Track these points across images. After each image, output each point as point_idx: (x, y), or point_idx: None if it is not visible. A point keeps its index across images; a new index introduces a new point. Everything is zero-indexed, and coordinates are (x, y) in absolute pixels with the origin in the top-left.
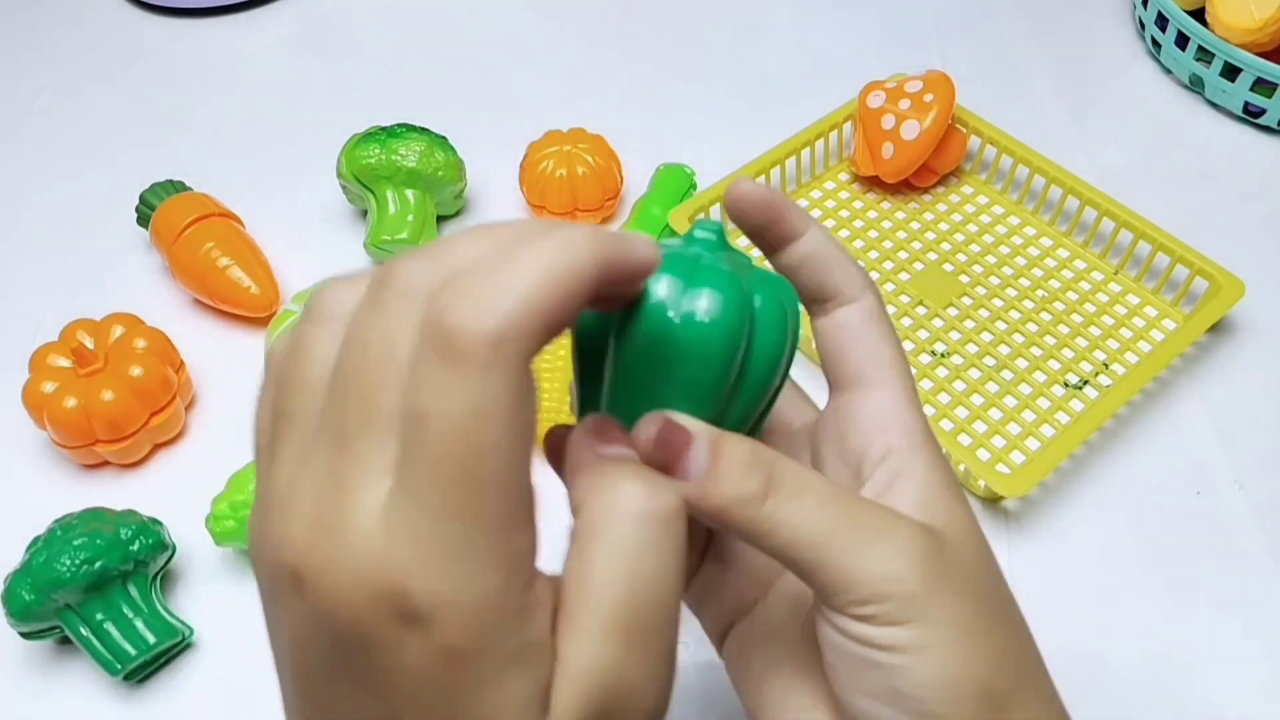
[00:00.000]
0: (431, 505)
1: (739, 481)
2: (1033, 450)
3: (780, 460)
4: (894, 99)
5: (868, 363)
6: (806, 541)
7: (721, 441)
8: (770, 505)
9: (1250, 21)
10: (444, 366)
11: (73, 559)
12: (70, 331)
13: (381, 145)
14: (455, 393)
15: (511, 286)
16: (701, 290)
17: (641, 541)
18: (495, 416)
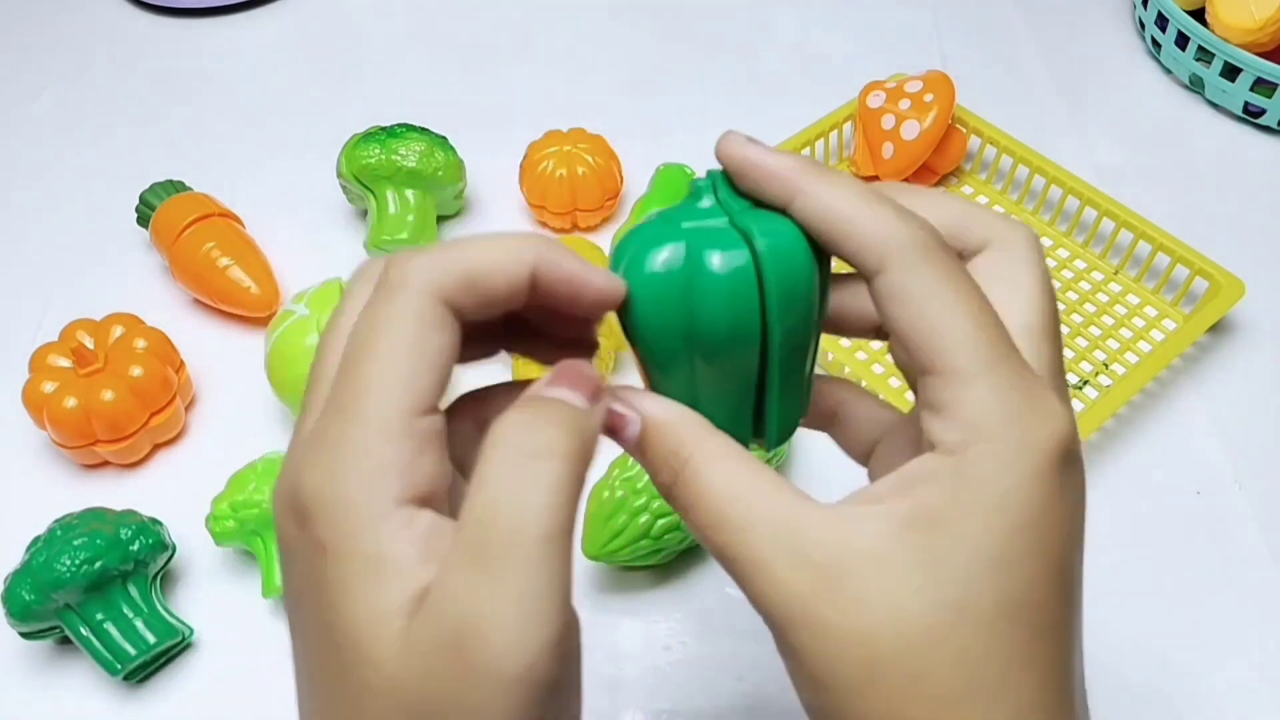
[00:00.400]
0: (324, 408)
1: (657, 466)
2: None
3: (693, 450)
4: (894, 99)
5: (911, 345)
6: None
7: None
8: (678, 490)
9: (1250, 21)
10: (374, 298)
11: (73, 559)
12: (70, 331)
13: (381, 145)
14: (363, 313)
15: (449, 246)
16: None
17: (503, 471)
18: (378, 328)
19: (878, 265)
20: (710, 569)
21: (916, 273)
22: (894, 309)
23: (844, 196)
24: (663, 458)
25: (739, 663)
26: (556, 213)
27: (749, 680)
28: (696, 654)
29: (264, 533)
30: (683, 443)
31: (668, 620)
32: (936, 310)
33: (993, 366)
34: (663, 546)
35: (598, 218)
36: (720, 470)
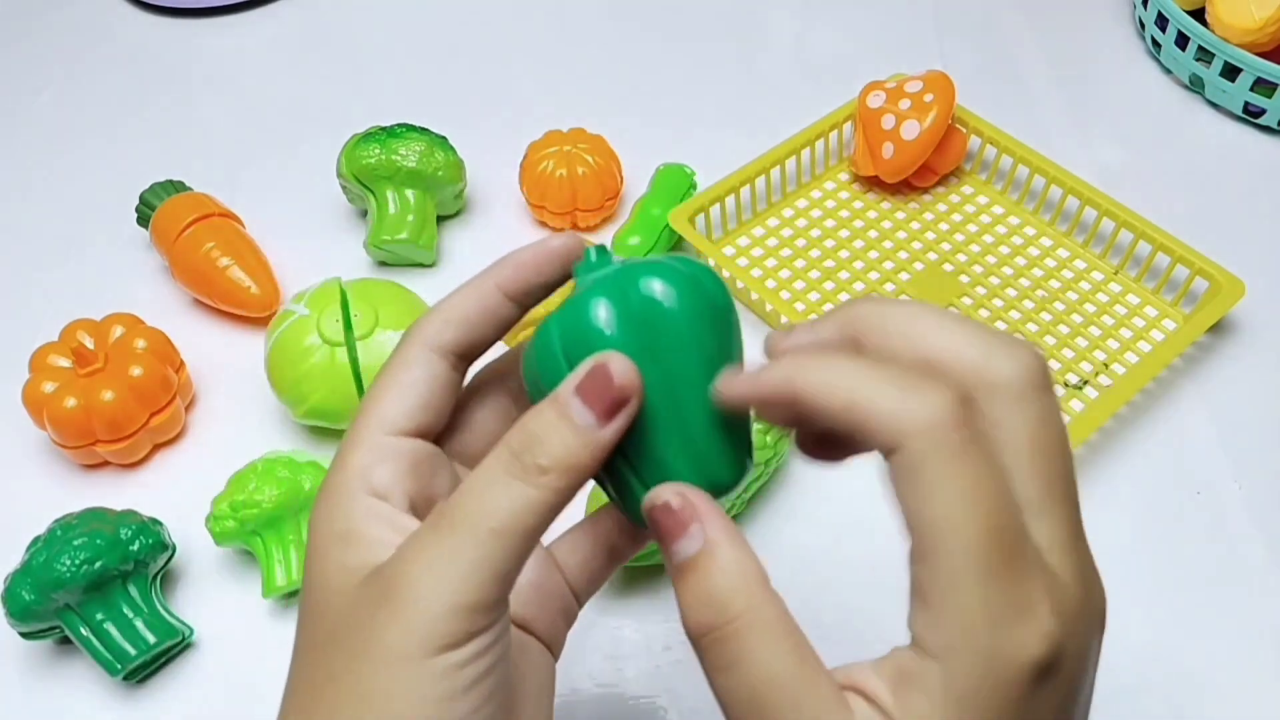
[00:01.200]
0: (427, 528)
1: (698, 600)
2: None
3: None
4: (894, 99)
5: (912, 533)
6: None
7: (700, 557)
8: (714, 638)
9: (1250, 21)
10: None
11: (73, 559)
12: (70, 331)
13: (381, 145)
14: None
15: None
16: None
17: (486, 478)
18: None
19: (891, 446)
20: None
21: (925, 460)
22: (901, 493)
23: (843, 382)
24: (710, 596)
25: None
26: (556, 213)
27: None
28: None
29: (264, 533)
30: (738, 593)
31: (668, 620)
32: (939, 507)
33: (984, 577)
34: None
35: (598, 218)
36: (771, 646)
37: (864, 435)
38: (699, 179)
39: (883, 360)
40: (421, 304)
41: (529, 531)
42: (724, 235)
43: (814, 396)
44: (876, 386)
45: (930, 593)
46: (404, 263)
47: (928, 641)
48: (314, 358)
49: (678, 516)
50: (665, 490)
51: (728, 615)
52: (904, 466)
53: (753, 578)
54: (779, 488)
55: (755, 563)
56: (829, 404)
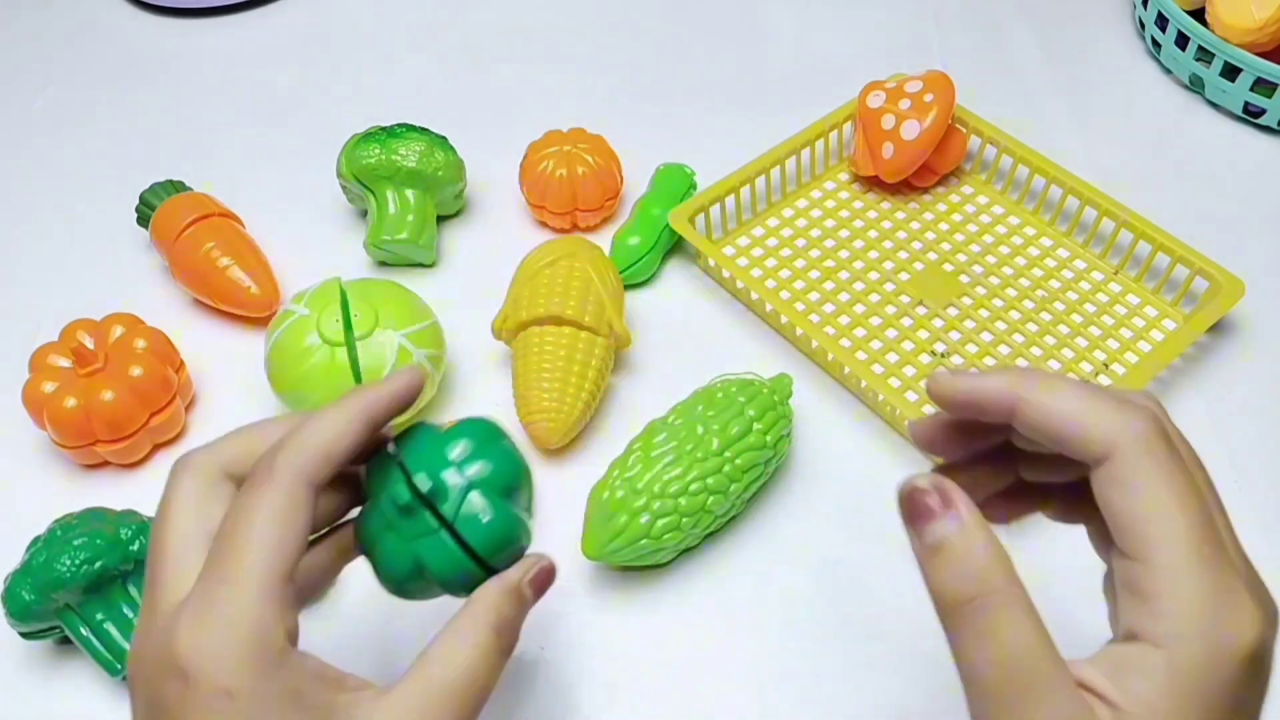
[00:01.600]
0: (201, 582)
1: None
2: None
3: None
4: (894, 99)
5: (1124, 533)
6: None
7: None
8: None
9: (1250, 21)
10: (246, 488)
11: (73, 559)
12: (70, 331)
13: (381, 145)
14: (237, 501)
15: (303, 435)
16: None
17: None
18: (254, 511)
19: (1103, 455)
20: (710, 569)
21: (1138, 466)
22: (1114, 497)
23: (1065, 396)
24: (970, 571)
25: (738, 662)
26: (556, 213)
27: (748, 680)
28: (696, 654)
29: None
30: (996, 570)
31: (667, 620)
32: (1153, 505)
33: (1200, 568)
34: (663, 546)
35: (598, 218)
36: (1025, 620)
37: (1080, 442)
38: (699, 179)
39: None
40: (421, 304)
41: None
42: (724, 235)
43: (1038, 403)
44: (1093, 402)
45: (1149, 587)
46: (404, 263)
47: (1149, 631)
48: (314, 358)
49: (932, 501)
50: (920, 478)
51: (987, 588)
52: (1117, 472)
53: (1005, 559)
54: (779, 488)
55: (997, 541)
56: (1050, 410)
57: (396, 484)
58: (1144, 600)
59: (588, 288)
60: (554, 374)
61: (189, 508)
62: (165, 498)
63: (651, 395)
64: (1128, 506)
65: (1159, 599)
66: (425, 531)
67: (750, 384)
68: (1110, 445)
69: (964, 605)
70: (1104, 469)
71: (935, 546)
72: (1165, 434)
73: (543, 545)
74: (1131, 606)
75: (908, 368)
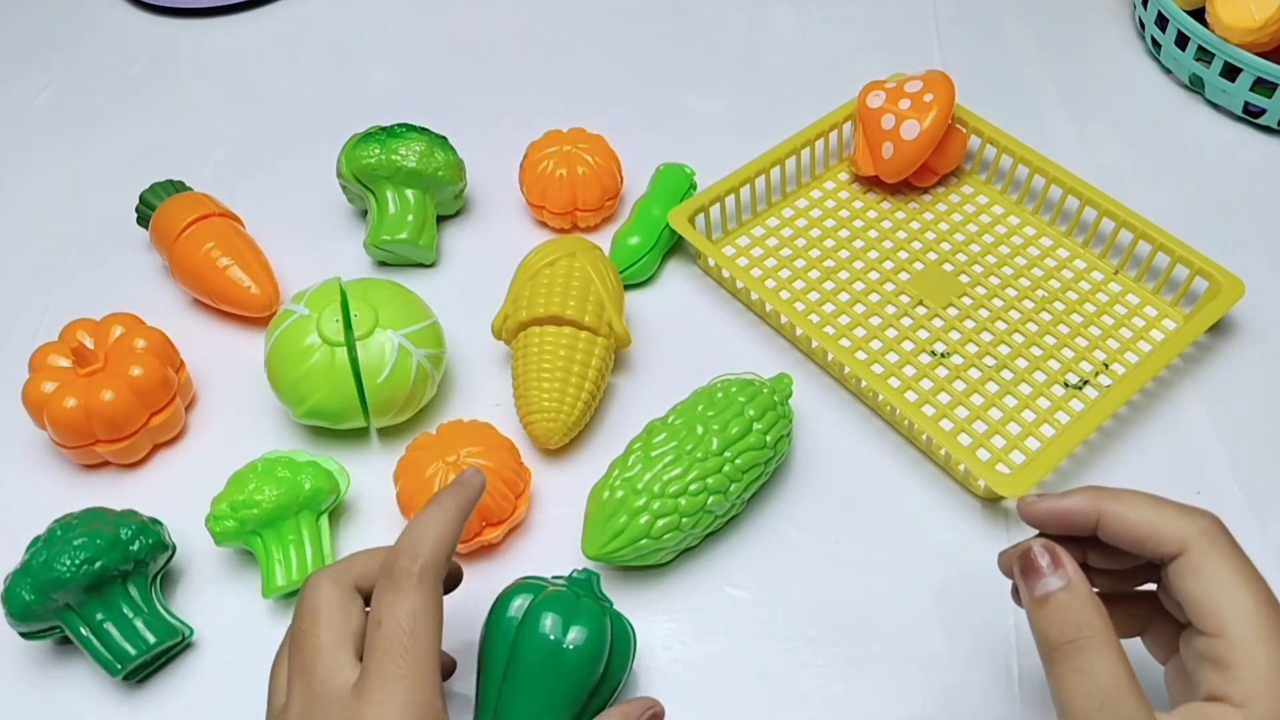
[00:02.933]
0: (376, 682)
1: (1058, 624)
2: (1033, 450)
3: (1089, 637)
4: (894, 99)
5: (1202, 614)
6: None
7: (1061, 592)
8: (1068, 651)
9: (1250, 21)
10: (391, 589)
11: (73, 559)
12: (70, 331)
13: (381, 145)
14: (398, 606)
15: (422, 538)
16: (577, 626)
17: None
18: (415, 612)
19: (1178, 550)
20: (710, 569)
21: (1208, 557)
22: (1190, 584)
23: (1138, 505)
24: (1073, 617)
25: (738, 662)
26: (556, 213)
27: (748, 680)
28: (696, 654)
29: (264, 532)
30: (1095, 617)
31: (668, 620)
32: (1224, 589)
33: (1270, 639)
34: (663, 546)
35: (598, 218)
36: (1118, 659)
37: (1156, 542)
38: (699, 179)
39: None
40: (421, 304)
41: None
42: (724, 235)
43: (1117, 516)
44: (1163, 509)
45: (1227, 657)
46: (404, 263)
47: (1229, 694)
48: (314, 358)
49: (1043, 561)
50: (1035, 543)
51: (1088, 632)
52: (1191, 564)
53: (1104, 613)
54: (779, 488)
55: (1102, 605)
56: (1128, 520)
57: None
58: (1223, 669)
59: (588, 288)
60: (554, 374)
61: (335, 610)
62: (312, 604)
63: (651, 395)
64: (1203, 591)
65: (1237, 667)
66: None
67: (750, 384)
68: (1183, 542)
69: (1066, 645)
70: (1178, 563)
71: (1044, 598)
72: (1226, 531)
73: (543, 545)
74: (1211, 674)
75: (908, 368)
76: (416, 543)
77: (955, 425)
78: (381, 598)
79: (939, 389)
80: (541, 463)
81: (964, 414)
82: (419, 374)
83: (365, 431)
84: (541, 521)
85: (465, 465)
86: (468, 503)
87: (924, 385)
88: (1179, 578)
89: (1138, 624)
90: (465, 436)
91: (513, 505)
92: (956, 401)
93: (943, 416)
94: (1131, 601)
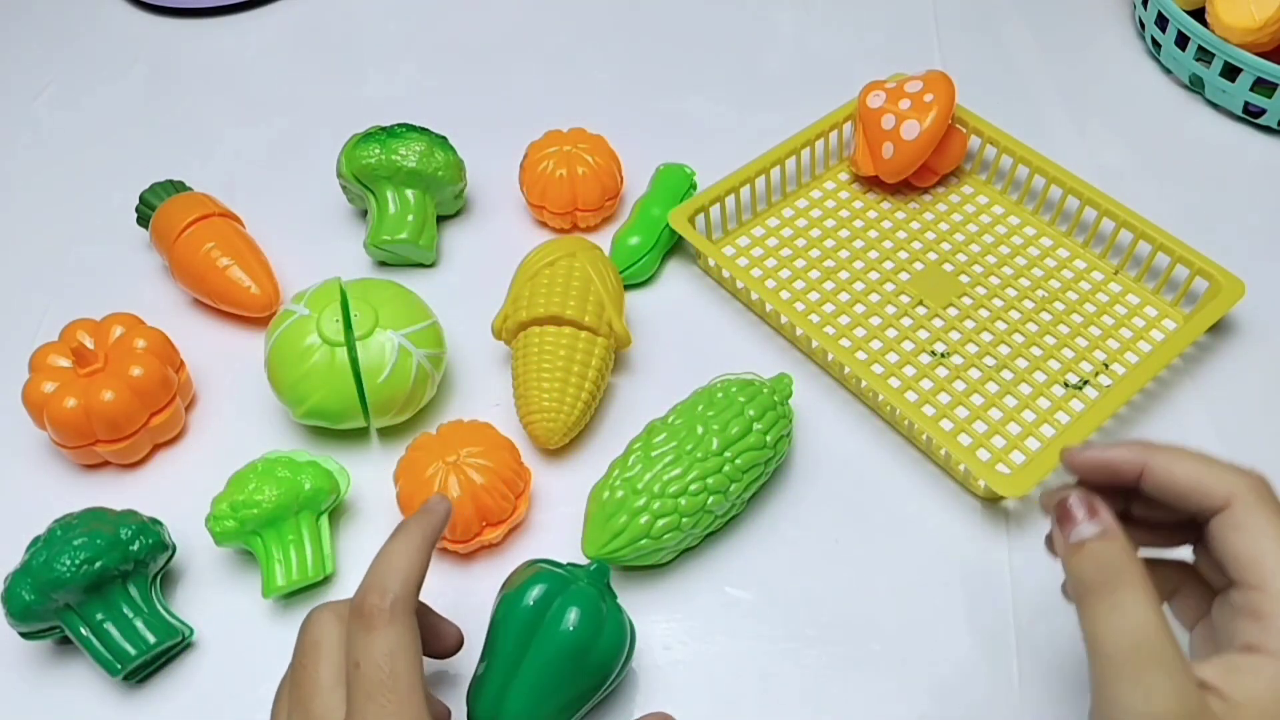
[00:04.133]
0: (365, 714)
1: (1091, 566)
2: (1033, 450)
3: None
4: (894, 99)
5: (1243, 566)
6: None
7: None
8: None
9: (1250, 21)
10: (364, 630)
11: (73, 559)
12: (70, 331)
13: (381, 145)
14: (376, 646)
15: (390, 572)
16: (603, 629)
17: None
18: (394, 651)
19: (1224, 504)
20: (710, 569)
21: (1254, 512)
22: (1233, 538)
23: (1184, 459)
24: (1108, 561)
25: (738, 662)
26: (556, 213)
27: (748, 680)
28: (696, 654)
29: (264, 532)
30: (1131, 560)
31: (668, 620)
32: (1269, 543)
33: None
34: (663, 546)
35: (598, 218)
36: (1151, 599)
37: (1202, 495)
38: (699, 179)
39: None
40: (421, 304)
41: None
42: (724, 235)
43: (1165, 466)
44: (1212, 463)
45: (1266, 609)
46: (404, 263)
47: (1265, 645)
48: (314, 358)
49: (1078, 510)
50: (1073, 492)
51: (1123, 574)
52: (1235, 517)
53: (1138, 560)
54: (779, 488)
55: (1126, 538)
56: (1175, 472)
57: None
58: (1260, 620)
59: (588, 288)
60: (554, 374)
61: (335, 647)
62: (313, 638)
63: (651, 395)
64: (1246, 545)
65: (1275, 617)
66: None
67: (750, 384)
68: (1229, 496)
69: (1100, 585)
70: (1222, 516)
71: (1078, 544)
72: (1272, 490)
73: (543, 545)
74: (1248, 626)
75: (908, 368)
76: (385, 577)
77: (955, 425)
78: (355, 639)
79: (939, 389)
80: (541, 463)
81: (964, 414)
82: (419, 374)
83: (365, 431)
84: (541, 521)
85: (465, 465)
86: (434, 531)
87: (924, 385)
88: (1222, 530)
89: (1167, 587)
90: (465, 436)
91: (513, 505)
92: (956, 401)
93: (943, 416)
94: (1162, 565)
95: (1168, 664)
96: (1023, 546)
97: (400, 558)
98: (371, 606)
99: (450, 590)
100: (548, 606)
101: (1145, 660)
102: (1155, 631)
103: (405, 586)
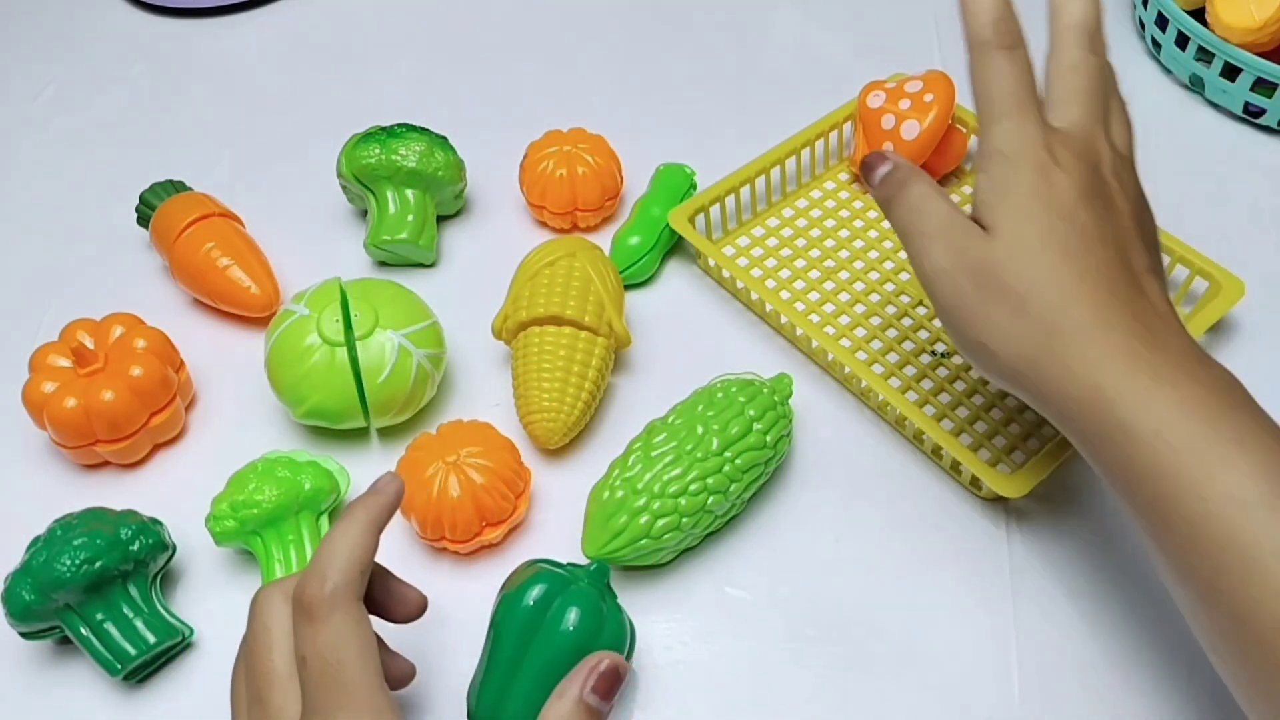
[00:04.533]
0: (319, 709)
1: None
2: (1033, 450)
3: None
4: (894, 99)
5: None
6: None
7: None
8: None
9: (1250, 21)
10: (306, 622)
11: (73, 559)
12: (70, 331)
13: (381, 145)
14: (320, 636)
15: (330, 558)
16: (605, 632)
17: None
18: (340, 639)
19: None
20: (710, 569)
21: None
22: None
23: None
24: (897, 180)
25: (738, 662)
26: (556, 213)
27: (748, 680)
28: (696, 654)
29: (264, 532)
30: (910, 177)
31: (668, 620)
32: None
33: (1003, 118)
34: (662, 546)
35: (598, 218)
36: (930, 188)
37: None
38: (699, 179)
39: None
40: (421, 304)
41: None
42: (724, 235)
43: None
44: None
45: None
46: (404, 263)
47: (979, 162)
48: (314, 358)
49: (877, 158)
50: (880, 154)
51: (911, 175)
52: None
53: (917, 171)
54: (779, 488)
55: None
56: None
57: None
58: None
59: (588, 288)
60: (554, 374)
61: (286, 633)
62: (264, 624)
63: (651, 395)
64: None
65: (983, 140)
66: None
67: (750, 384)
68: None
69: (899, 192)
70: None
71: (882, 178)
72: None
73: (543, 545)
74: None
75: (908, 368)
76: (324, 565)
77: (956, 425)
78: (298, 633)
79: (939, 389)
80: (541, 463)
81: (965, 414)
82: (419, 374)
83: (365, 431)
84: (541, 521)
85: (465, 465)
86: (381, 511)
87: (924, 385)
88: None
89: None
90: (465, 436)
91: (513, 505)
92: (957, 401)
93: (943, 416)
94: None
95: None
96: (1023, 544)
97: (341, 543)
98: (311, 596)
99: (450, 590)
100: (548, 607)
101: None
102: (946, 207)
103: (346, 572)
